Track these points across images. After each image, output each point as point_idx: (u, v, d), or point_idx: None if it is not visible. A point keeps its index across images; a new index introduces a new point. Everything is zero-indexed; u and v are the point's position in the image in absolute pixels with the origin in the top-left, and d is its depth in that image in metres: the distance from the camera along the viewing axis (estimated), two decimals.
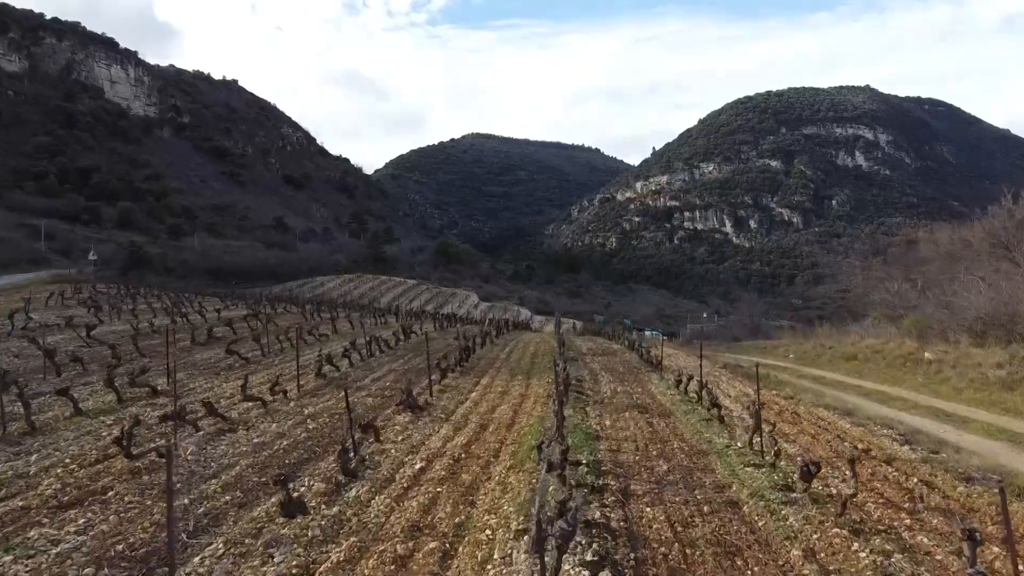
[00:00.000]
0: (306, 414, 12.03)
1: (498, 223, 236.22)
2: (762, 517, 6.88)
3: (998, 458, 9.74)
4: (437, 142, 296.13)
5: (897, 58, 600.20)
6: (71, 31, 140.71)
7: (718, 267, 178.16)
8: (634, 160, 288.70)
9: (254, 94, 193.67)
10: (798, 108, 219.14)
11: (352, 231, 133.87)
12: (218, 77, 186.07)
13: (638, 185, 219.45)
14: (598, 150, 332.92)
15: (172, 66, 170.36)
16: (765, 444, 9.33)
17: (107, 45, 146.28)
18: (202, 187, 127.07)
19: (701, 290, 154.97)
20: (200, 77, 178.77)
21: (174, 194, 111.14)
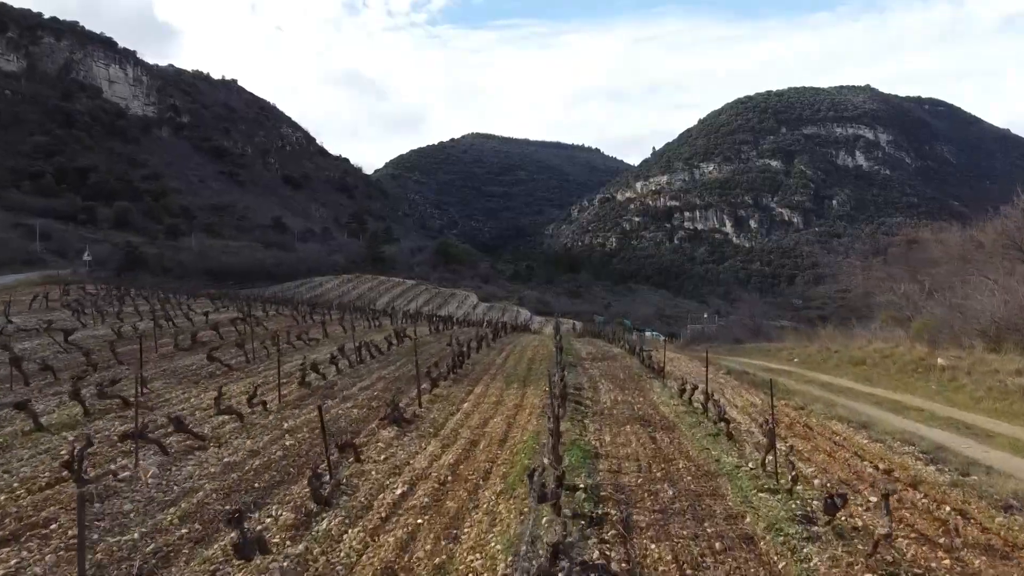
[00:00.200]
0: (285, 428, 11.27)
1: (498, 223, 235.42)
2: (782, 556, 6.10)
3: None
4: (437, 142, 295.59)
5: (897, 58, 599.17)
6: (69, 30, 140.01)
7: (718, 267, 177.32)
8: (634, 160, 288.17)
9: (253, 94, 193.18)
10: (798, 108, 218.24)
11: (351, 231, 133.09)
12: (218, 77, 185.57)
13: (638, 185, 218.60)
14: (598, 150, 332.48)
15: (171, 66, 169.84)
16: (780, 464, 8.56)
17: (106, 45, 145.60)
18: (200, 187, 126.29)
19: (701, 290, 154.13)
20: (199, 77, 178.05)
21: (172, 194, 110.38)
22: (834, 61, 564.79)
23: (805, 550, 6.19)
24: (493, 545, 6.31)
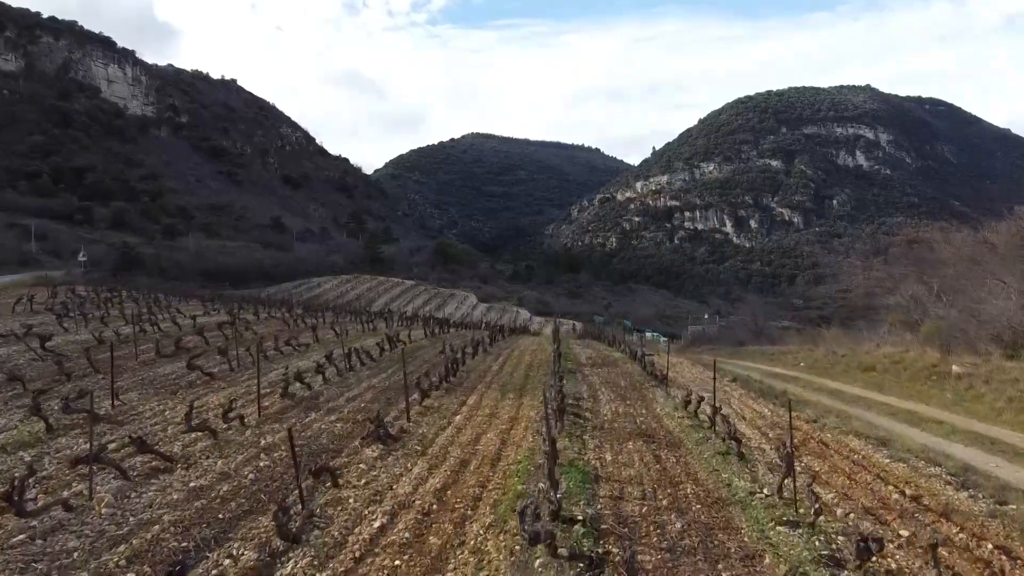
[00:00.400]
0: (262, 446, 10.48)
1: (498, 223, 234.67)
2: None
3: None
4: (437, 142, 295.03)
5: (897, 58, 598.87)
6: (68, 30, 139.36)
7: (718, 267, 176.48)
8: (634, 160, 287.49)
9: (253, 94, 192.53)
10: (798, 108, 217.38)
11: (350, 231, 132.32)
12: (217, 77, 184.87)
13: (638, 185, 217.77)
14: (598, 150, 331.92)
15: (171, 65, 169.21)
16: (798, 491, 7.79)
17: (104, 44, 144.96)
18: (199, 187, 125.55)
19: (701, 290, 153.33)
20: (199, 77, 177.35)
21: (170, 194, 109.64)
22: (834, 61, 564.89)
23: None
24: None
